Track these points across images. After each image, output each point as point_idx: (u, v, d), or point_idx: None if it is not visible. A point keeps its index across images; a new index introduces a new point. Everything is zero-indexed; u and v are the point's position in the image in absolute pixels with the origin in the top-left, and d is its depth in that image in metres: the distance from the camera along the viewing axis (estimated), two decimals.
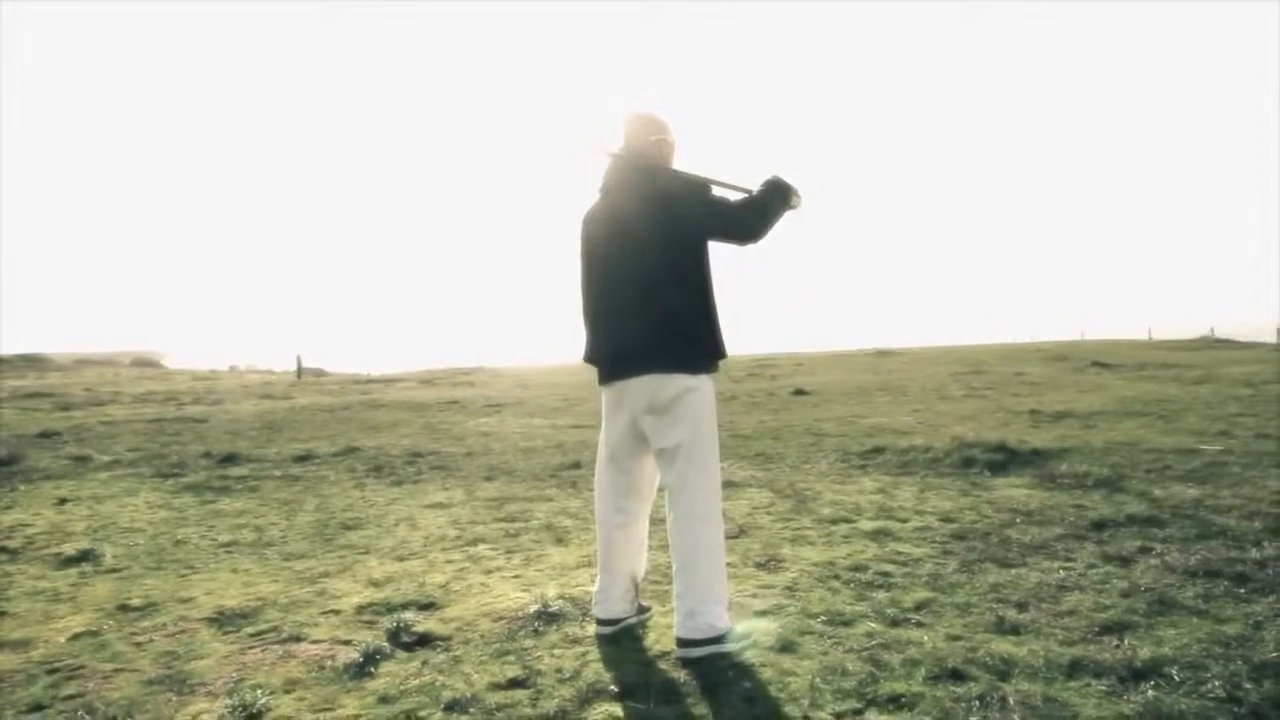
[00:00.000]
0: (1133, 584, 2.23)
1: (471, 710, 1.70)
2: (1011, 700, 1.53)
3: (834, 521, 3.30)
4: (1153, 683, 1.59)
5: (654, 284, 1.97)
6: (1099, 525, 2.92)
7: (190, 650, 2.27)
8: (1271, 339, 19.50)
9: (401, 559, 3.23)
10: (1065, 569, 2.43)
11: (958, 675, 1.68)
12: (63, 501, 5.00)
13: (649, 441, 2.05)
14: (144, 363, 54.19)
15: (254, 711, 1.76)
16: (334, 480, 5.47)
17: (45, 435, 9.22)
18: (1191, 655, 1.71)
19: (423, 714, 1.69)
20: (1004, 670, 1.69)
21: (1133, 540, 2.69)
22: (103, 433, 9.36)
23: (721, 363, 2.10)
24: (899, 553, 2.74)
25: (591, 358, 2.15)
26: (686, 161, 2.23)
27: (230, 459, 6.43)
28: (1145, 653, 1.73)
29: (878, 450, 5.12)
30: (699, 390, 2.00)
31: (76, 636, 2.46)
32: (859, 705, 1.58)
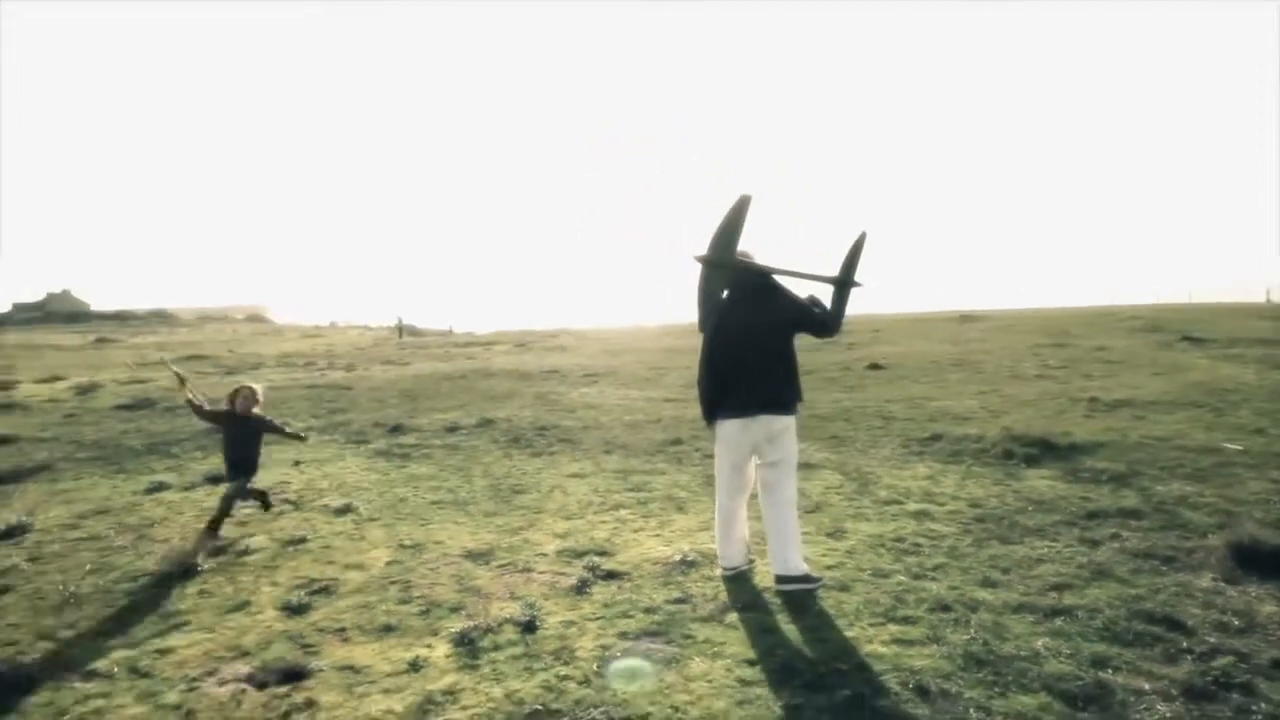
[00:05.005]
0: (1090, 560, 3.32)
1: (658, 614, 3.05)
2: (973, 623, 2.73)
3: (888, 503, 4.47)
4: (1063, 618, 2.74)
5: (783, 355, 3.27)
6: (1092, 515, 3.96)
7: (467, 574, 3.76)
8: None
9: (568, 518, 4.66)
10: (1048, 547, 3.53)
11: (946, 608, 2.88)
12: (297, 463, 6.81)
13: (761, 456, 3.30)
14: (255, 318, 59.62)
15: (533, 612, 3.17)
16: (485, 450, 7.04)
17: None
18: (1097, 604, 2.83)
19: (631, 614, 3.06)
20: (976, 607, 2.88)
21: (1110, 529, 3.73)
22: (276, 398, 11.49)
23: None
24: (932, 530, 3.90)
25: (733, 403, 3.33)
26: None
27: (398, 429, 8.18)
28: (1068, 601, 2.86)
29: (935, 438, 6.15)
30: (793, 422, 3.26)
31: (389, 564, 4.01)
32: (882, 621, 2.82)
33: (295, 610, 3.38)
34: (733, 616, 2.98)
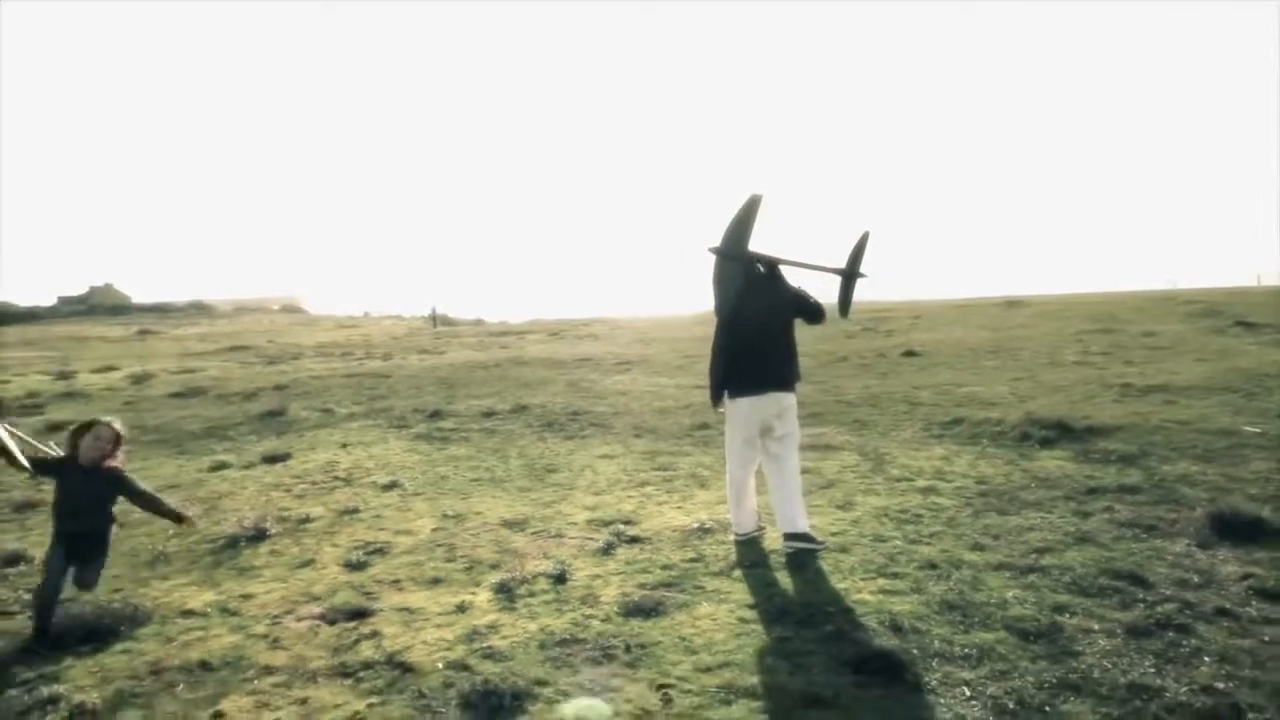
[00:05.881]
0: (1076, 529, 3.68)
1: (674, 570, 3.55)
2: (954, 578, 3.15)
3: (899, 480, 4.86)
4: (1037, 574, 3.13)
5: (788, 339, 3.74)
6: (1091, 491, 4.29)
7: (505, 539, 4.31)
8: None
9: (598, 494, 5.18)
10: (1042, 518, 3.89)
11: (933, 566, 3.30)
12: (344, 445, 7.50)
13: (770, 430, 3.76)
14: (290, 309, 61.90)
15: (564, 567, 3.69)
16: (520, 434, 7.62)
17: (278, 388, 12.40)
18: (1072, 564, 3.21)
19: (650, 570, 3.56)
20: (960, 565, 3.29)
21: (1104, 502, 4.07)
22: (318, 387, 12.37)
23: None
24: (935, 503, 4.30)
25: (746, 382, 3.81)
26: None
27: (437, 414, 8.84)
28: (1045, 561, 3.25)
29: (957, 421, 6.48)
30: (794, 398, 3.74)
31: (434, 530, 4.59)
32: (874, 576, 3.26)
33: (355, 566, 3.98)
34: (739, 573, 3.46)
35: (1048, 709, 2.18)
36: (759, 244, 3.79)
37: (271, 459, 6.95)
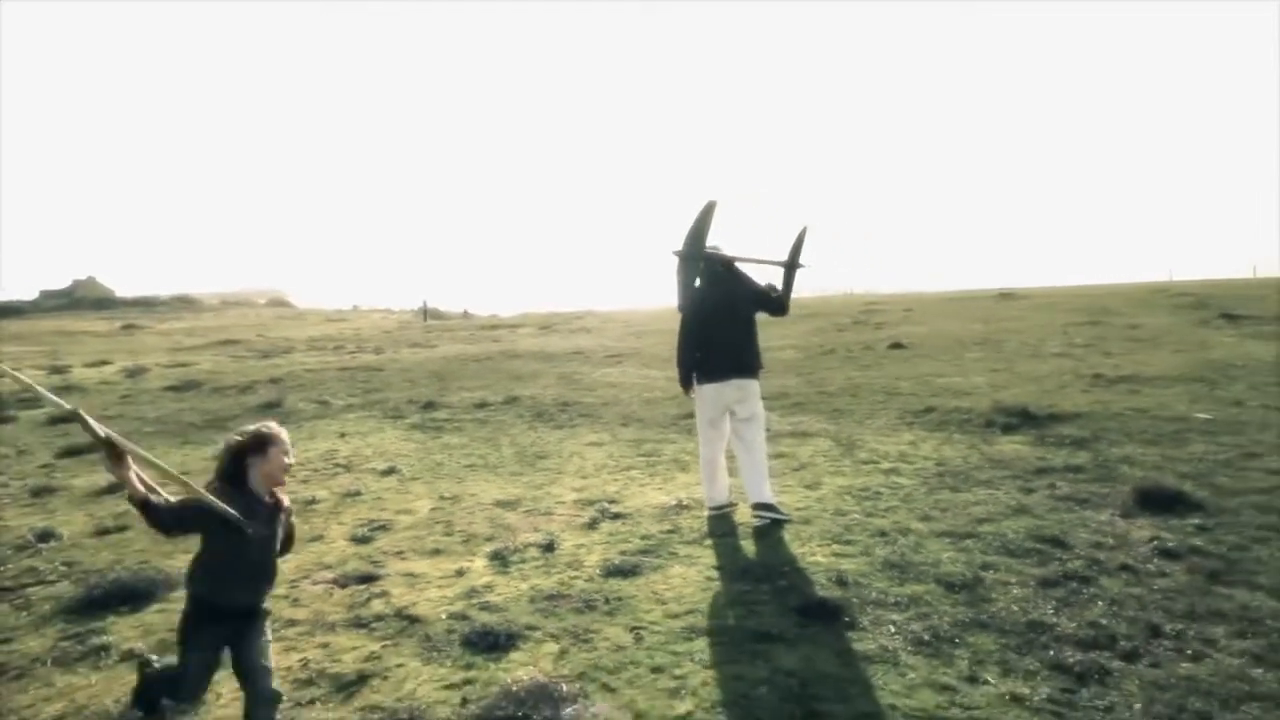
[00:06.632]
0: (1018, 503, 4.16)
1: (651, 539, 4.02)
2: (899, 544, 3.63)
3: (865, 463, 5.34)
4: (973, 539, 3.62)
5: (743, 330, 4.18)
6: (1040, 471, 4.78)
7: (498, 516, 4.78)
8: None
9: (585, 477, 5.65)
10: (988, 494, 4.38)
11: (883, 534, 3.79)
12: (342, 435, 7.96)
13: (734, 413, 4.23)
14: (277, 302, 62.09)
15: (552, 538, 4.16)
16: (511, 424, 8.09)
17: (273, 382, 12.83)
18: (1005, 532, 3.69)
19: (630, 540, 4.04)
20: (907, 533, 3.77)
21: (1049, 480, 4.56)
22: (312, 380, 12.81)
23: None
24: (895, 482, 4.78)
25: (710, 370, 4.29)
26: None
27: (430, 405, 9.30)
28: (983, 529, 3.74)
29: (929, 410, 6.96)
30: (757, 384, 4.23)
31: (433, 509, 5.06)
32: (829, 543, 3.74)
33: (361, 540, 4.44)
34: (710, 541, 3.94)
35: (956, 641, 2.66)
36: (729, 244, 4.28)
37: None
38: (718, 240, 4.32)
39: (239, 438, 2.40)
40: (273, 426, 2.44)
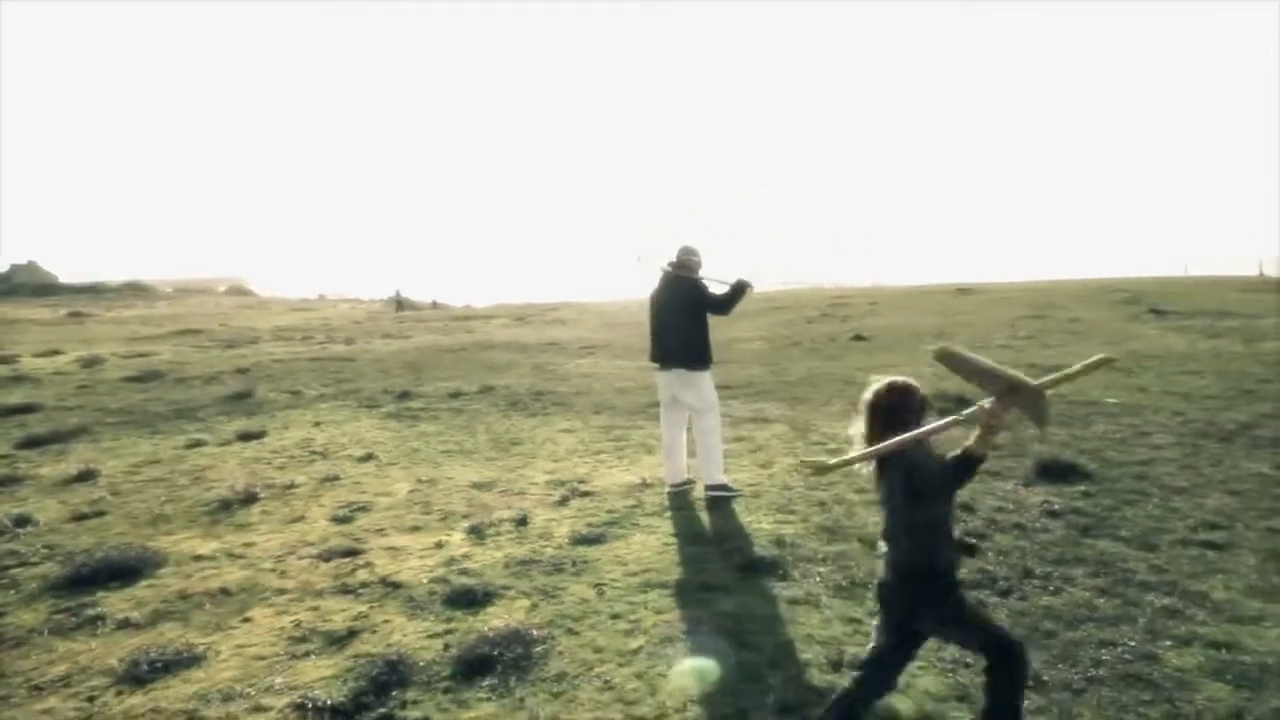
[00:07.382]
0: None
1: (616, 513, 4.47)
2: (835, 512, 4.14)
3: (815, 444, 5.87)
4: None
5: (684, 326, 4.66)
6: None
7: (474, 497, 5.18)
8: None
9: (556, 461, 6.08)
10: None
11: (822, 504, 4.31)
12: (317, 424, 8.23)
13: (680, 398, 4.71)
14: (237, 290, 60.85)
15: (525, 514, 4.58)
16: (486, 412, 8.45)
17: (240, 372, 12.93)
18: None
19: (597, 514, 4.48)
20: (843, 503, 4.29)
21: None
22: (281, 371, 12.94)
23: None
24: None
25: (656, 359, 4.78)
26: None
27: (405, 395, 9.61)
28: None
29: None
30: (702, 376, 4.67)
31: (411, 492, 5.43)
32: (774, 513, 4.23)
33: (343, 520, 4.81)
34: (670, 514, 4.42)
35: (868, 586, 3.17)
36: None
37: (247, 436, 7.63)
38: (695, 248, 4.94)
39: (883, 384, 2.12)
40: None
